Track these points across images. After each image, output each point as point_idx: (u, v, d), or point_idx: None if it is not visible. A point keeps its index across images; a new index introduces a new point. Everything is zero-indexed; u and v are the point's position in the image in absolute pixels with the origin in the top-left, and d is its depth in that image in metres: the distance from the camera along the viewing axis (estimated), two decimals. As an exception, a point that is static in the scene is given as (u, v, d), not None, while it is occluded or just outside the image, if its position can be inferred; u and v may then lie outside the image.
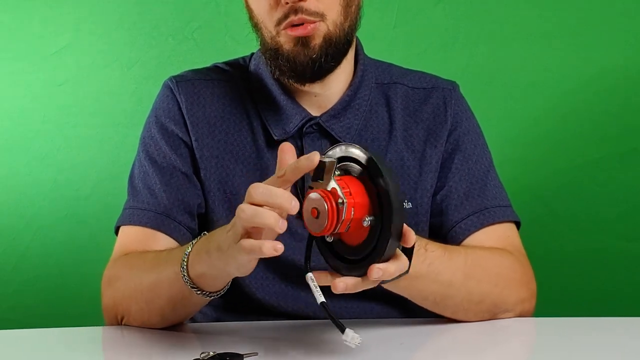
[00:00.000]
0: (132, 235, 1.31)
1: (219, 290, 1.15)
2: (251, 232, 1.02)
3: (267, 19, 1.28)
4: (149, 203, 1.32)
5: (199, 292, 1.14)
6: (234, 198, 1.33)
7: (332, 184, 0.99)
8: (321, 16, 1.26)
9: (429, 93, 1.39)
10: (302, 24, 1.25)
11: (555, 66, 2.00)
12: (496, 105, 2.01)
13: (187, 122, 1.35)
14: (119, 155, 2.02)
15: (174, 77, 1.40)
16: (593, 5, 1.98)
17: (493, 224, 1.33)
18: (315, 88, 1.32)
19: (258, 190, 1.00)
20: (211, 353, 1.06)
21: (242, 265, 1.05)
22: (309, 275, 1.02)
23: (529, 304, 1.30)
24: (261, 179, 1.33)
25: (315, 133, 1.33)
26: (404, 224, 0.99)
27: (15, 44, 2.05)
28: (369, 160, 1.00)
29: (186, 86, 1.37)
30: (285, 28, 1.26)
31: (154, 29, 2.06)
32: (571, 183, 2.00)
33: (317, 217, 0.99)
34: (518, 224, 1.38)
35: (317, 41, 1.26)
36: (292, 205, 0.98)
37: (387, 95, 1.38)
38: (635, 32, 1.98)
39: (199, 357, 1.05)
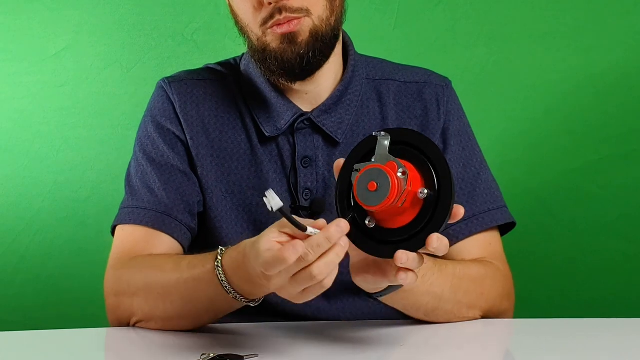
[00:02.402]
0: (134, 235, 1.31)
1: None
2: None
3: (252, 21, 1.28)
4: (150, 202, 1.32)
5: (247, 301, 1.16)
6: (232, 195, 1.34)
7: (390, 158, 1.01)
8: (306, 12, 1.26)
9: (422, 88, 1.39)
10: (288, 21, 1.26)
11: (555, 67, 1.99)
12: (496, 106, 2.00)
13: (182, 121, 1.36)
14: (118, 157, 2.02)
15: (167, 78, 1.41)
16: (593, 6, 1.98)
17: (479, 232, 1.34)
18: (305, 86, 1.33)
19: (310, 255, 0.99)
20: (212, 354, 1.05)
21: None
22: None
23: (509, 311, 1.34)
24: (257, 175, 1.34)
25: (307, 129, 1.34)
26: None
27: (15, 45, 2.05)
28: (419, 136, 1.02)
29: (179, 86, 1.38)
30: (271, 27, 1.27)
31: (154, 30, 2.06)
32: (571, 185, 2.00)
33: (376, 191, 0.99)
34: (512, 224, 1.38)
35: (304, 37, 1.27)
36: (344, 228, 0.99)
37: (379, 90, 1.39)
38: (635, 32, 1.97)
39: (199, 358, 1.05)
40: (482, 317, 1.29)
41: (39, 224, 2.06)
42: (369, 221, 1.04)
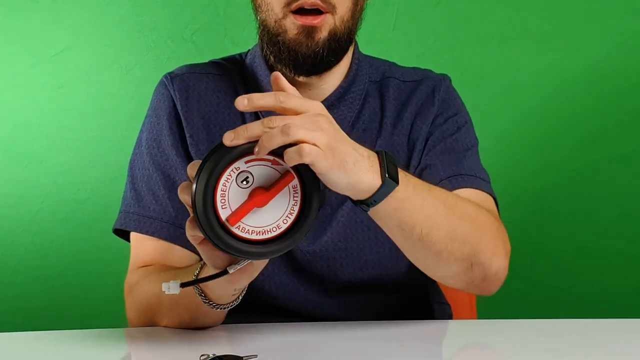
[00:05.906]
0: (147, 247, 1.32)
1: (233, 301, 1.15)
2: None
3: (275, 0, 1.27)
4: (155, 211, 1.31)
5: (214, 306, 1.14)
6: None
7: None
8: (332, 8, 1.26)
9: (420, 83, 1.39)
10: (312, 10, 1.24)
11: (554, 68, 1.99)
12: (495, 107, 2.01)
13: (183, 119, 1.35)
14: (118, 158, 2.02)
15: (169, 73, 1.40)
16: (592, 6, 1.98)
17: (467, 187, 1.29)
18: (311, 80, 1.32)
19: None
20: (211, 355, 1.05)
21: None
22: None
23: (504, 261, 1.22)
24: None
25: None
26: None
27: (14, 46, 2.05)
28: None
29: (180, 81, 1.38)
30: (295, 9, 1.25)
31: (153, 31, 2.06)
32: (570, 185, 2.00)
33: None
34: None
35: (323, 34, 1.26)
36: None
37: (381, 90, 1.39)
38: (635, 33, 1.98)
39: (198, 359, 1.05)
40: (473, 264, 1.18)
41: (38, 225, 2.06)
42: None
